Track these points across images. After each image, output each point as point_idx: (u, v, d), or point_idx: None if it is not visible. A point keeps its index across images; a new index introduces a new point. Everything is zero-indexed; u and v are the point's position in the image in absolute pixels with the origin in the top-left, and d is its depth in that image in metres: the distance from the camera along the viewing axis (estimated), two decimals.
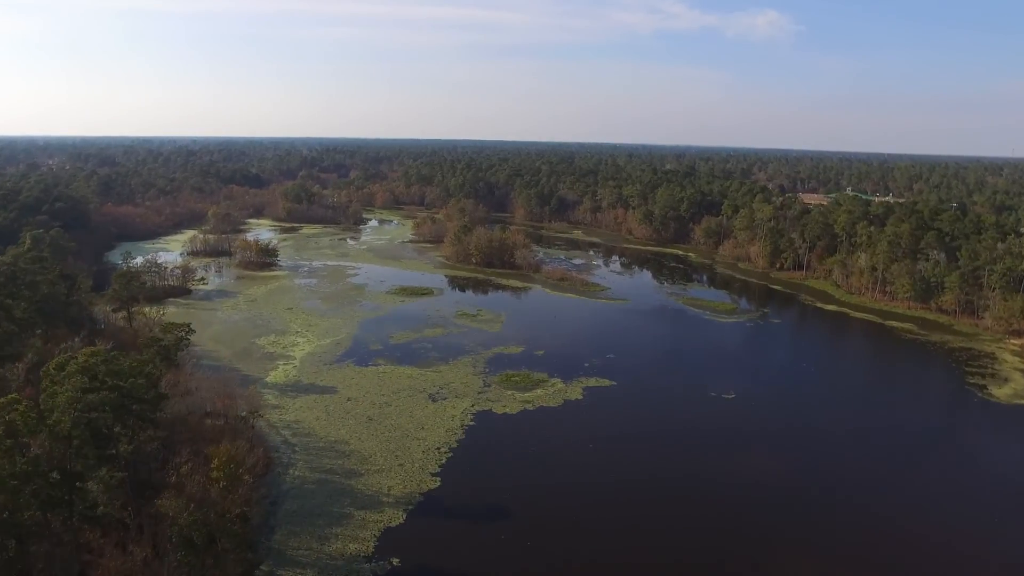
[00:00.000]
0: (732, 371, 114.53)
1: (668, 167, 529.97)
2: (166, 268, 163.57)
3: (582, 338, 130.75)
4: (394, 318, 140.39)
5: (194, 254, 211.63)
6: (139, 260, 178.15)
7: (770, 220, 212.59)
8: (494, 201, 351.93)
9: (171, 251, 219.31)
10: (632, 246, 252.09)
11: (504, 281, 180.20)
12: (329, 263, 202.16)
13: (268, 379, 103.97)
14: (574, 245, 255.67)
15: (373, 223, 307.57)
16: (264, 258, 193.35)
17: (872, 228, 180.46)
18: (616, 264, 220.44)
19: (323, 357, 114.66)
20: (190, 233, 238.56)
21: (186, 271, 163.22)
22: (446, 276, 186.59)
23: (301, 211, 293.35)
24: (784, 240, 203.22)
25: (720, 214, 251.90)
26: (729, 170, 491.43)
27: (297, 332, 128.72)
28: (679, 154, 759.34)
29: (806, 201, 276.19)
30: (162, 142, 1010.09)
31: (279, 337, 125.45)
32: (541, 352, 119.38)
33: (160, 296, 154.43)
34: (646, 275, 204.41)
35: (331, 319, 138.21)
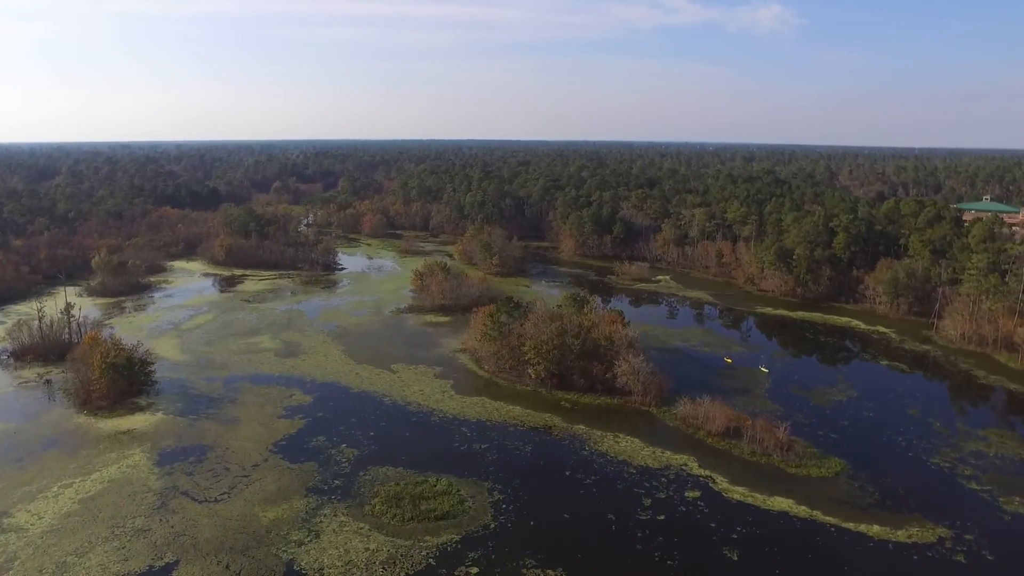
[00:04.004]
0: None
1: (718, 167, 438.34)
2: None
3: None
4: None
5: (20, 356, 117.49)
6: None
7: None
8: (525, 223, 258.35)
9: None
10: (766, 309, 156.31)
11: (607, 446, 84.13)
12: (259, 377, 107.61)
13: None
14: (670, 307, 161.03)
15: (355, 264, 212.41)
16: (126, 375, 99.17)
17: None
18: (777, 359, 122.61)
19: None
20: (70, 292, 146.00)
21: None
22: (483, 424, 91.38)
23: (248, 250, 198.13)
24: None
25: (905, 255, 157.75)
26: (813, 173, 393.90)
27: None
28: (692, 152, 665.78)
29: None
30: (142, 147, 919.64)
31: None
32: None
33: None
34: (860, 396, 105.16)
35: None
